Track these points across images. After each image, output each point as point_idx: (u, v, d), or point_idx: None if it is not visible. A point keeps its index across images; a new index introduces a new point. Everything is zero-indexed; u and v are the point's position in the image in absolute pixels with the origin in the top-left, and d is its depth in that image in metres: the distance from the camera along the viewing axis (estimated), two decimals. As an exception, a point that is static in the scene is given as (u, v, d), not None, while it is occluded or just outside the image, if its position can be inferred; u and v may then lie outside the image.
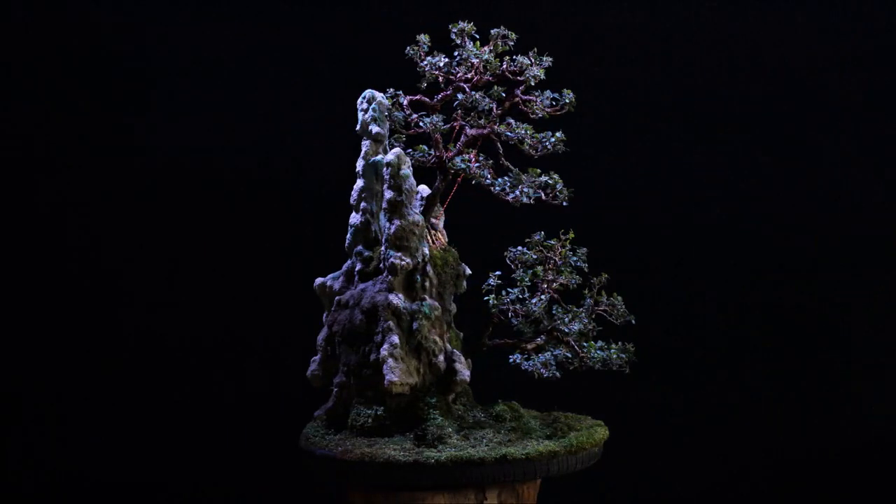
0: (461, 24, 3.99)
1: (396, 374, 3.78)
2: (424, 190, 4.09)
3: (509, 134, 3.95)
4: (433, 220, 4.08)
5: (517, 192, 3.95)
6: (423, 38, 4.01)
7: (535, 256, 4.05)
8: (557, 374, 3.91)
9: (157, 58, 5.42)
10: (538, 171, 3.99)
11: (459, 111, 3.99)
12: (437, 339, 3.89)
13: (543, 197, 3.98)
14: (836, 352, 5.55)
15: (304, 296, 4.28)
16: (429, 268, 3.92)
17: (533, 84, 3.98)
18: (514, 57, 3.99)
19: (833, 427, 5.55)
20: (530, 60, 3.98)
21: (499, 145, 4.00)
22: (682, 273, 5.53)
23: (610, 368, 3.98)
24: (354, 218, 4.00)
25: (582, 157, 4.93)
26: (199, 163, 5.45)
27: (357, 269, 3.97)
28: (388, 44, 5.25)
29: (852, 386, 5.55)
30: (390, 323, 3.83)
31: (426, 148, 4.06)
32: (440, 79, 4.00)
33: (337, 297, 3.98)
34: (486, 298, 4.01)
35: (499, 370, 4.08)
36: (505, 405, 3.95)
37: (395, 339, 3.81)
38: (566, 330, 3.97)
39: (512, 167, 3.99)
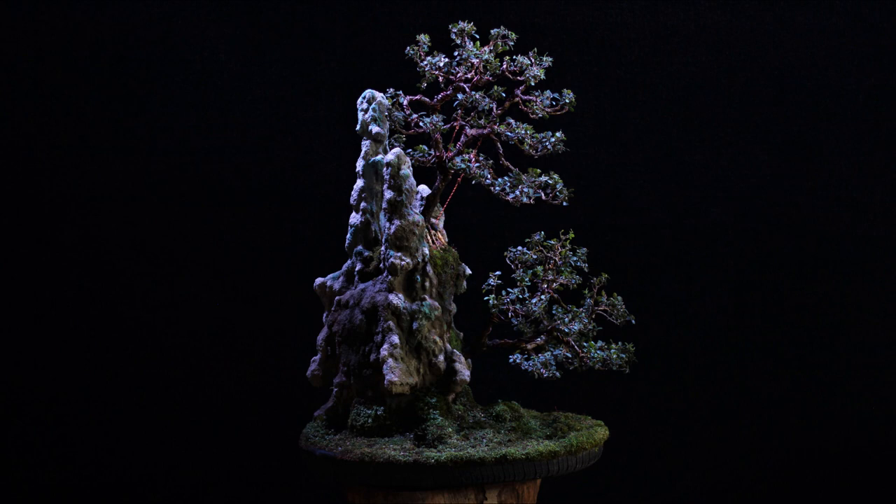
0: (461, 24, 3.99)
1: (396, 374, 3.78)
2: (424, 190, 4.08)
3: (509, 134, 3.94)
4: (433, 220, 4.08)
5: (517, 192, 3.95)
6: (423, 38, 4.00)
7: (535, 256, 4.04)
8: (557, 374, 3.90)
9: (156, 58, 5.42)
10: (538, 171, 3.98)
11: (459, 111, 3.98)
12: (437, 339, 3.89)
13: (543, 197, 3.97)
14: (836, 352, 5.55)
15: (304, 296, 4.28)
16: (429, 268, 3.92)
17: (533, 84, 3.97)
18: (514, 57, 3.98)
19: (833, 427, 5.55)
20: (530, 60, 3.98)
21: (499, 145, 3.99)
22: (682, 273, 5.53)
23: (610, 368, 3.97)
24: (354, 218, 4.00)
25: (582, 157, 4.94)
26: (198, 163, 5.45)
27: (357, 269, 3.97)
28: (388, 44, 5.26)
29: (852, 386, 5.55)
30: (390, 323, 3.83)
31: (426, 148, 4.05)
32: (440, 79, 3.99)
33: (337, 297, 3.98)
34: (486, 298, 4.00)
35: (499, 370, 4.08)
36: (505, 405, 3.94)
37: (395, 339, 3.81)
38: (566, 330, 3.97)
39: (512, 167, 3.98)
